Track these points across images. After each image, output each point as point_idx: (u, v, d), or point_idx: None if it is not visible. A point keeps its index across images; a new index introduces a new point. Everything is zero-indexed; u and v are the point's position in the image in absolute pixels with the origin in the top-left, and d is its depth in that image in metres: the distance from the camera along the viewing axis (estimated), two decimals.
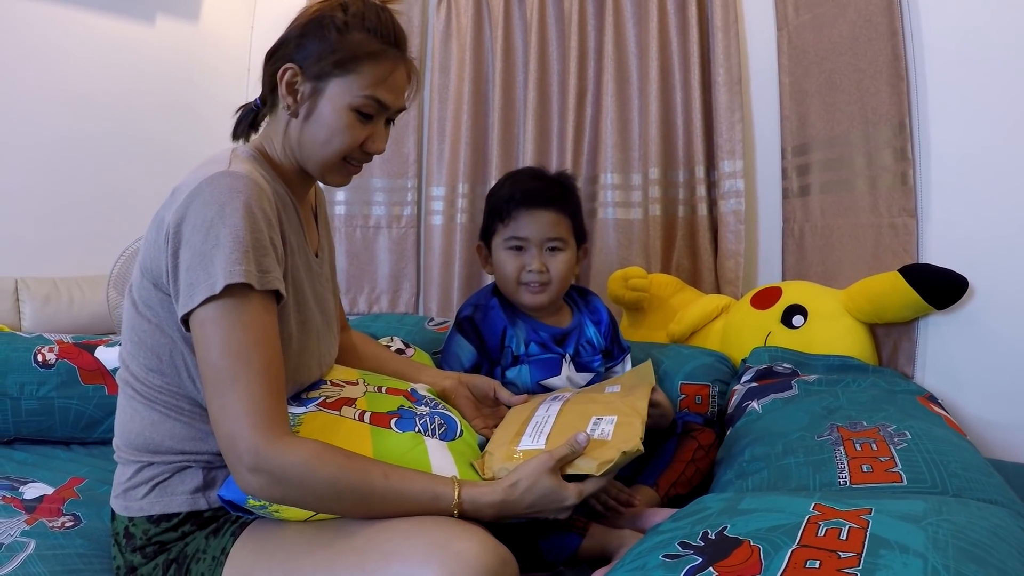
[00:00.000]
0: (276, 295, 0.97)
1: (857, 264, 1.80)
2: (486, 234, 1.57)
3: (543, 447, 1.05)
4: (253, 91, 1.15)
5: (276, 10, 2.72)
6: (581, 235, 1.59)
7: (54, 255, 2.28)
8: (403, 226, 2.66)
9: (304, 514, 0.98)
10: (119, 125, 2.45)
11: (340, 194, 2.67)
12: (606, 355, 1.62)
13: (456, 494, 0.93)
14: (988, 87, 1.49)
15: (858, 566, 0.70)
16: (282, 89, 1.07)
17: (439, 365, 1.55)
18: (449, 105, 2.56)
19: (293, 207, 1.11)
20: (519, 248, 1.50)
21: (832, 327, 1.73)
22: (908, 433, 1.17)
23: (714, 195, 2.27)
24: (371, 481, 0.92)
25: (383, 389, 1.19)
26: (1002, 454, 1.42)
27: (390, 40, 1.08)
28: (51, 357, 1.71)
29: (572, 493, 0.98)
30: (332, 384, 1.16)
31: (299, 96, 1.07)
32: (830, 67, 1.89)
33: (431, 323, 2.15)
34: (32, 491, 1.40)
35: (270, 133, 1.13)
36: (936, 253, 1.59)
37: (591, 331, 1.60)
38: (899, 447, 1.12)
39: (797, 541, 0.76)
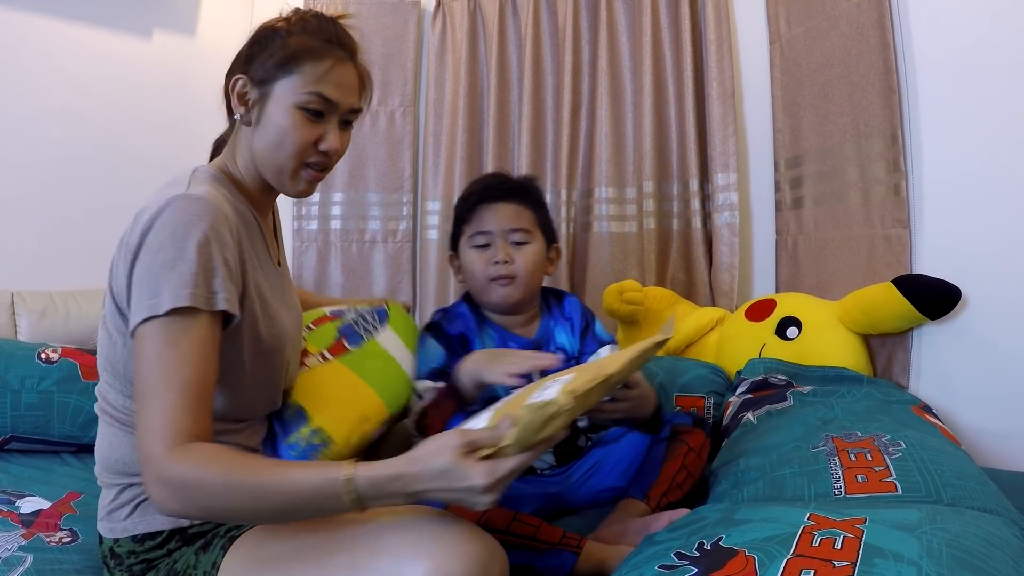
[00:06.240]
0: (225, 315, 0.97)
1: (851, 275, 1.81)
2: (454, 242, 1.55)
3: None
4: None
5: None
6: (550, 234, 1.55)
7: (51, 269, 2.27)
8: (399, 240, 2.66)
9: None
10: (116, 139, 2.45)
11: (336, 209, 2.67)
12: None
13: (350, 472, 0.86)
14: (979, 98, 1.50)
15: (852, 575, 0.70)
16: (234, 101, 1.09)
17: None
18: (444, 119, 2.57)
19: (256, 223, 1.12)
20: (484, 245, 1.48)
21: (826, 338, 1.74)
22: (903, 443, 1.17)
23: (708, 208, 2.28)
24: (260, 471, 0.88)
25: (310, 327, 1.32)
26: (997, 463, 1.42)
27: (332, 40, 1.08)
28: (54, 356, 1.76)
29: (478, 472, 0.82)
30: None
31: (249, 104, 1.08)
32: (822, 80, 1.91)
33: None
34: (29, 505, 1.40)
35: (232, 150, 1.14)
36: (929, 264, 1.59)
37: (563, 336, 1.55)
38: (894, 457, 1.12)
39: (792, 551, 0.76)
